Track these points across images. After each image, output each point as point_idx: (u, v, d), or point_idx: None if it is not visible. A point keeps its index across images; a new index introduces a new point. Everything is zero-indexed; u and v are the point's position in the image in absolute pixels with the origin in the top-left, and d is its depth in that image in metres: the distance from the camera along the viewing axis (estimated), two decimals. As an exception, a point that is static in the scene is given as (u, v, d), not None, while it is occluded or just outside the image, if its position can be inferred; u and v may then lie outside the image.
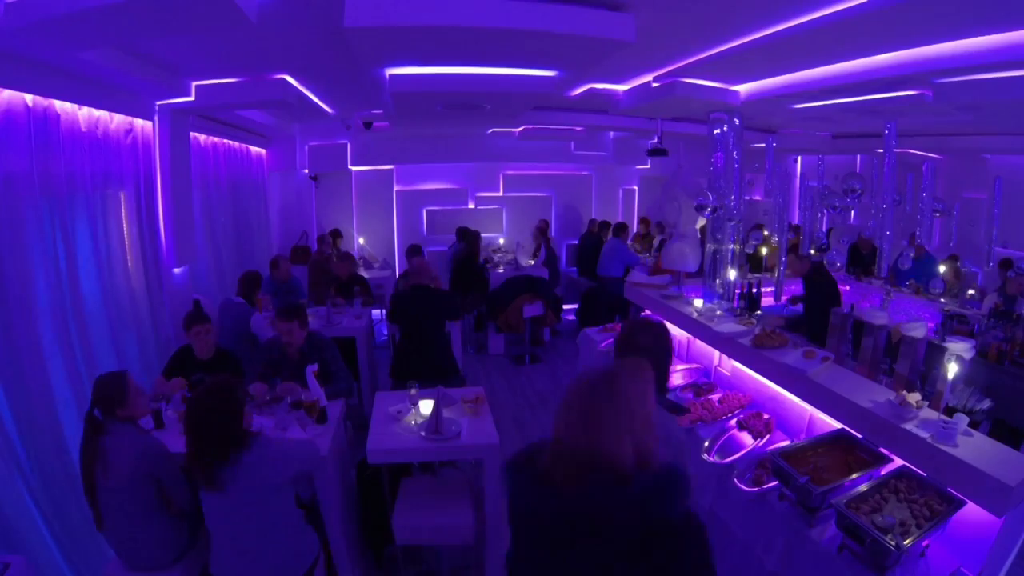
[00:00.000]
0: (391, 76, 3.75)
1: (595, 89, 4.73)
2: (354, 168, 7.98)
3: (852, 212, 3.58)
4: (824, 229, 5.45)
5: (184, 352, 3.39)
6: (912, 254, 5.49)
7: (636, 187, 9.44)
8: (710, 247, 4.82)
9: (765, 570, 2.62)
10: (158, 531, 2.28)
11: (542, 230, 7.86)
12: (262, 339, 4.10)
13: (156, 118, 4.13)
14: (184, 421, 2.11)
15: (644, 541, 1.10)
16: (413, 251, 5.51)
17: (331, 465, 2.71)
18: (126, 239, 3.85)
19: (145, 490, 2.23)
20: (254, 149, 6.86)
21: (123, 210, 3.86)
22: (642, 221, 8.89)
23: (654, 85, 4.27)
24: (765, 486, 2.65)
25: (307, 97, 4.74)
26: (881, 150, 3.50)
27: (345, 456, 3.14)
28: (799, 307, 5.46)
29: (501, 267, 7.32)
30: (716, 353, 4.00)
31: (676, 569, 1.12)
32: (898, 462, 2.45)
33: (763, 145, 6.40)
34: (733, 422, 3.33)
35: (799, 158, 9.51)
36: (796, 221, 7.79)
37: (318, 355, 3.33)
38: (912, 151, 6.88)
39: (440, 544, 3.05)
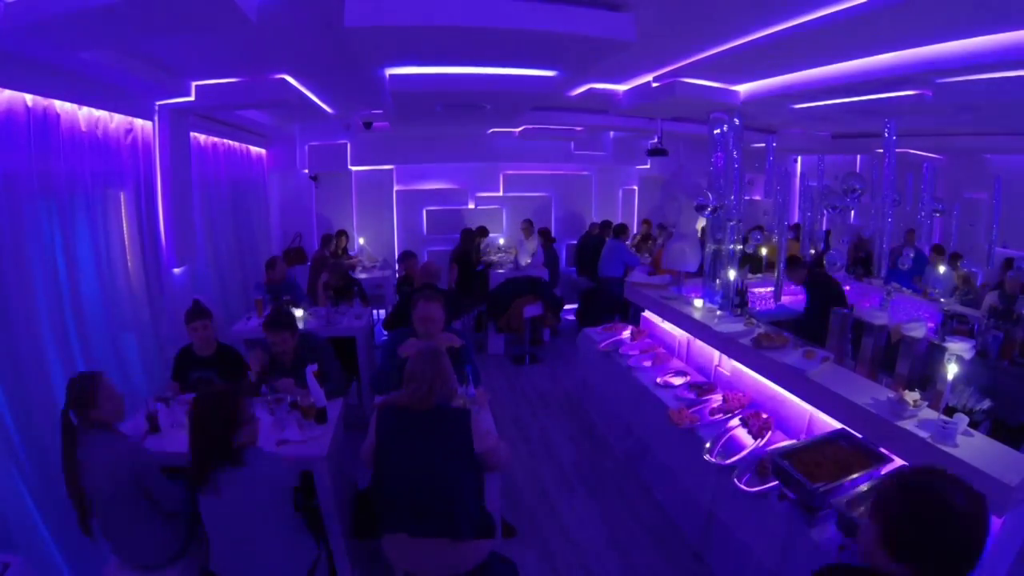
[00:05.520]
0: (391, 76, 3.76)
1: (595, 89, 4.73)
2: (354, 168, 7.97)
3: (852, 212, 3.59)
4: (824, 229, 5.45)
5: (185, 352, 3.40)
6: (911, 253, 5.49)
7: (636, 187, 9.43)
8: (710, 247, 4.82)
9: (765, 570, 2.62)
10: (152, 533, 2.25)
11: (538, 231, 7.75)
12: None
13: (156, 118, 4.12)
14: (189, 424, 2.10)
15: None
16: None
17: (331, 465, 2.71)
18: (126, 239, 3.85)
19: (132, 497, 2.17)
20: (254, 149, 6.86)
21: (123, 210, 3.85)
22: (644, 223, 8.88)
23: (654, 85, 4.27)
24: (765, 486, 2.66)
25: (307, 97, 4.75)
26: (881, 150, 3.51)
27: (344, 456, 3.14)
28: (795, 307, 5.45)
29: (502, 267, 7.30)
30: (716, 353, 4.00)
31: (457, 440, 2.18)
32: (898, 462, 2.45)
33: (763, 145, 6.42)
34: (733, 422, 3.33)
35: (799, 158, 9.52)
36: (796, 221, 7.79)
37: (312, 355, 3.33)
38: (912, 151, 6.89)
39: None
